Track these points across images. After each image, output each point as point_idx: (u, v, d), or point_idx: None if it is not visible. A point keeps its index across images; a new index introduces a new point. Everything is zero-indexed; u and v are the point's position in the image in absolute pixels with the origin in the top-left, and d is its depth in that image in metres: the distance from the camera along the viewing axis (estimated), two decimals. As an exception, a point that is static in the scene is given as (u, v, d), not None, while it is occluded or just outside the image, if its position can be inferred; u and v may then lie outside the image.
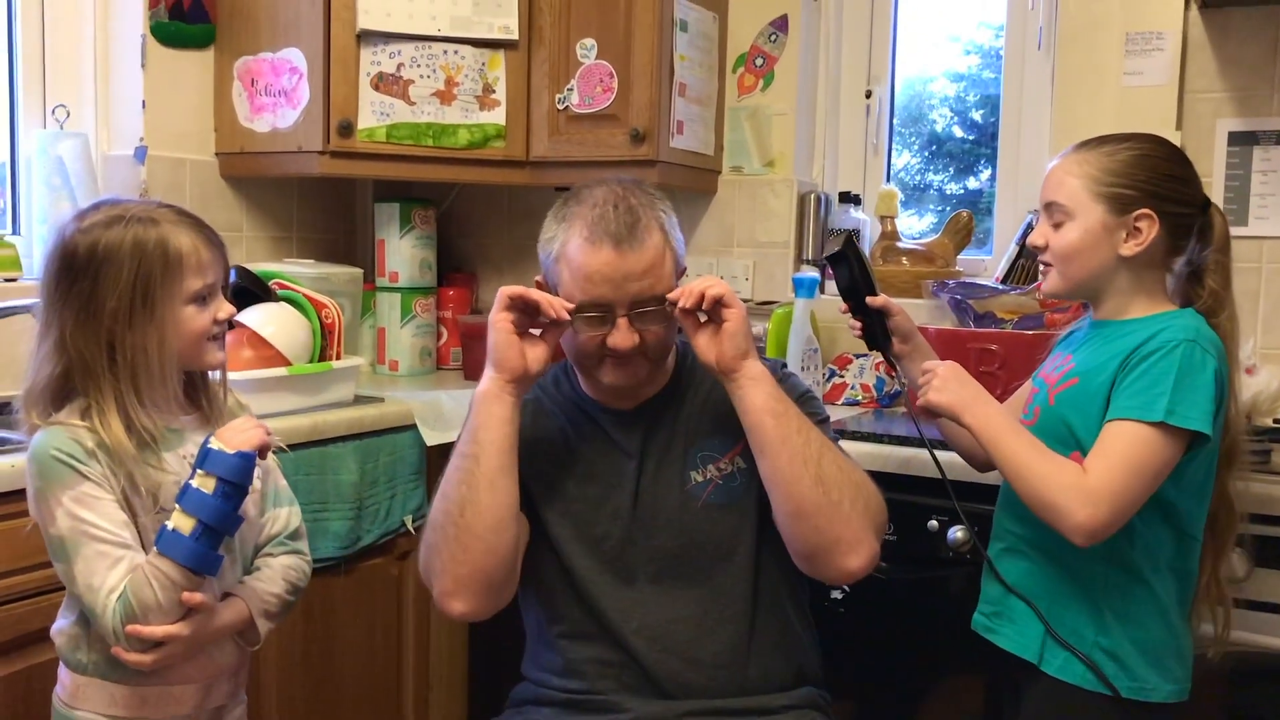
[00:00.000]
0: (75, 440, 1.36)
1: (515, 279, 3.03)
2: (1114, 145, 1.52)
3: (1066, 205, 1.52)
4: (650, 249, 1.51)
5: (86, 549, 1.34)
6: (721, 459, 1.61)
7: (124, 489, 1.38)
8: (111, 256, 1.36)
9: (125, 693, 1.42)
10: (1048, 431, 1.53)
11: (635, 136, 2.47)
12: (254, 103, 2.59)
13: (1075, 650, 1.50)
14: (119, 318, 1.37)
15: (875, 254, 2.64)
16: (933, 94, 2.92)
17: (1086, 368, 1.53)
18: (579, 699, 1.59)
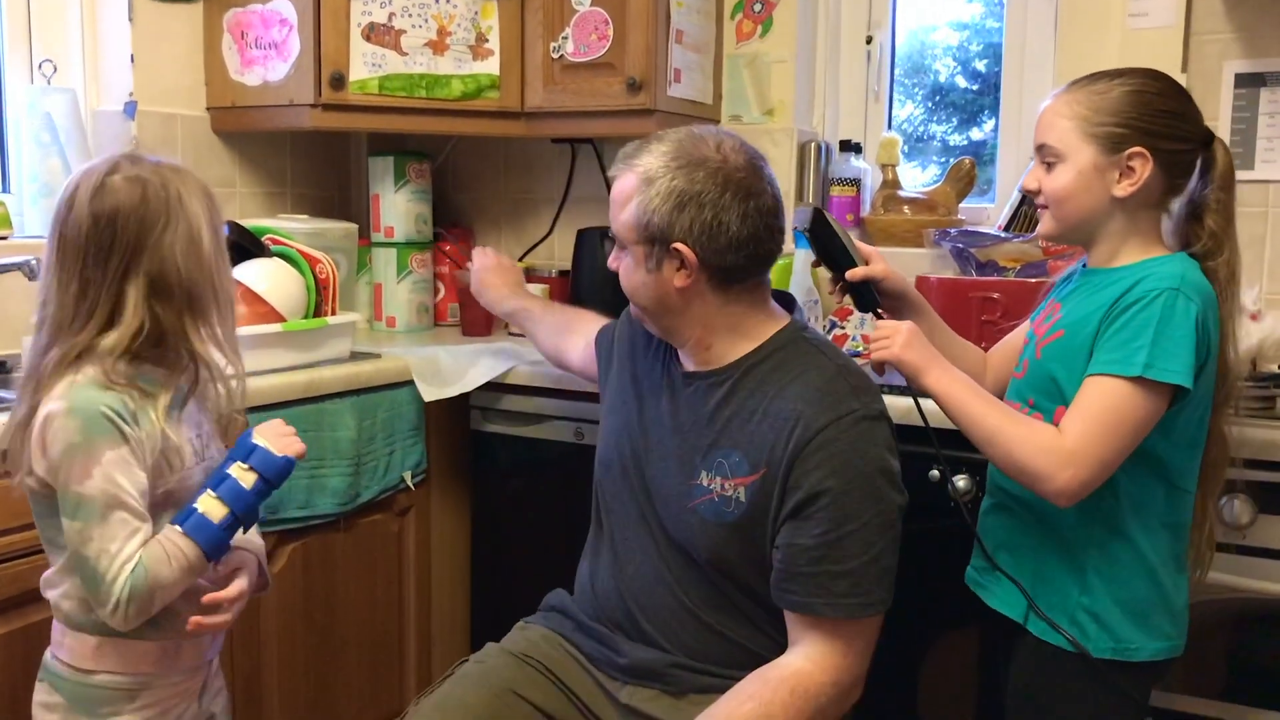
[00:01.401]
0: (122, 401, 1.36)
1: (513, 233, 3.01)
2: (1106, 82, 1.48)
3: (1057, 147, 1.49)
4: (621, 183, 1.54)
5: (114, 514, 1.34)
6: (730, 479, 1.51)
7: (157, 449, 1.39)
8: (192, 199, 1.40)
9: (147, 649, 1.43)
10: (1035, 386, 1.51)
11: (632, 85, 2.43)
12: (244, 56, 2.55)
13: (1053, 623, 1.49)
14: (216, 253, 1.42)
15: (877, 203, 2.61)
16: (935, 43, 2.87)
17: (1073, 319, 1.49)
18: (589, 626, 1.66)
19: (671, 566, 1.59)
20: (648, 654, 1.59)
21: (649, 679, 1.58)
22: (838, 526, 1.44)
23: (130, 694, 1.43)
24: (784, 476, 1.47)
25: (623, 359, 1.74)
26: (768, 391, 1.52)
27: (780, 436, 1.47)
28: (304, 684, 2.15)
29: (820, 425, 1.45)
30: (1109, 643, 1.48)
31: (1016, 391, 1.57)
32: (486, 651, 1.69)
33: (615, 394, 1.73)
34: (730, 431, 1.53)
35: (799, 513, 1.45)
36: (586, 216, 2.88)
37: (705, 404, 1.56)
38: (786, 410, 1.48)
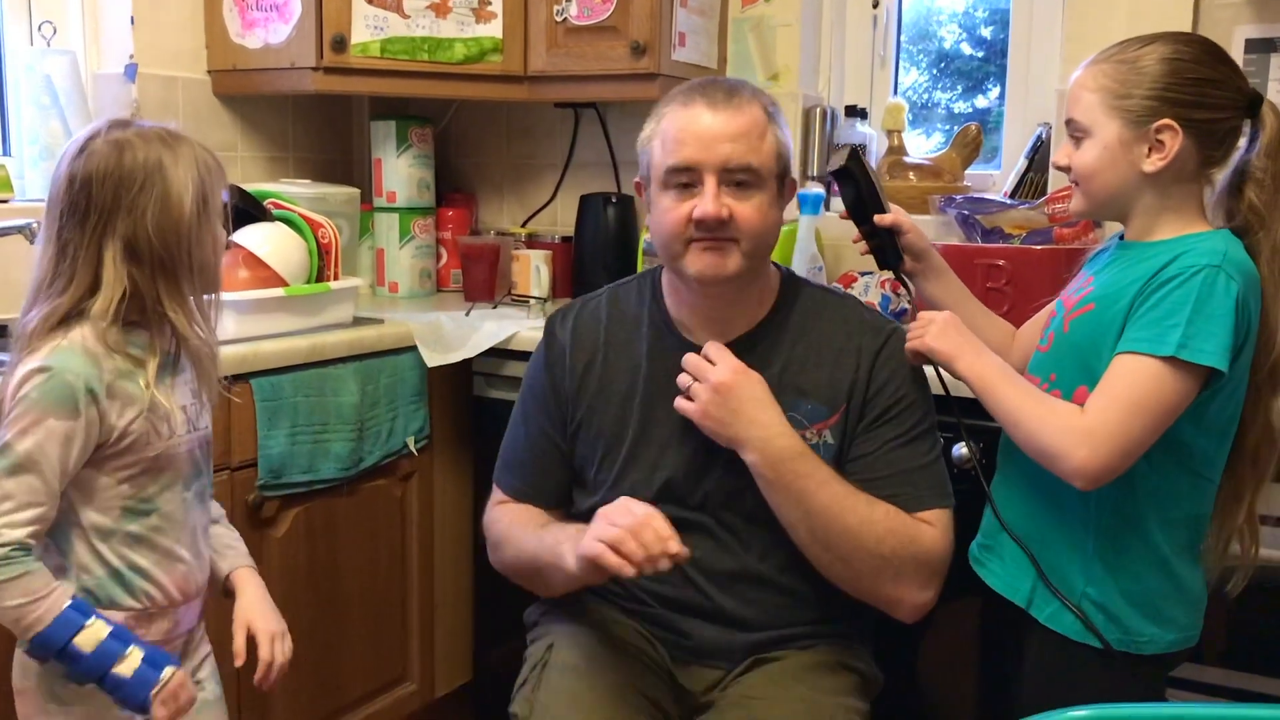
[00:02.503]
0: (97, 373, 1.35)
1: (515, 199, 3.00)
2: (1135, 50, 1.40)
3: (1083, 122, 1.43)
4: (747, 115, 1.48)
5: (25, 476, 1.33)
6: (809, 428, 1.52)
7: (142, 415, 1.39)
8: (177, 164, 1.38)
9: (115, 618, 1.40)
10: (1059, 360, 1.46)
11: (636, 49, 2.40)
12: (245, 18, 2.53)
13: (1065, 599, 1.44)
14: (195, 221, 1.39)
15: (882, 168, 2.59)
16: (941, 9, 2.84)
17: (1105, 293, 1.43)
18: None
19: (751, 546, 1.56)
20: (716, 632, 1.56)
21: (718, 658, 1.56)
22: (916, 425, 1.55)
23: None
24: (862, 402, 1.54)
25: (601, 381, 1.61)
26: (810, 339, 1.57)
27: (848, 371, 1.55)
28: (307, 649, 2.15)
29: (878, 346, 1.56)
30: (1117, 633, 1.43)
31: (1039, 366, 1.52)
32: (576, 642, 1.57)
33: (619, 428, 1.59)
34: (790, 384, 1.54)
35: (879, 419, 1.54)
36: (590, 182, 2.86)
37: (751, 366, 1.53)
38: (842, 347, 1.56)
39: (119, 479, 1.40)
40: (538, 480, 1.64)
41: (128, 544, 1.42)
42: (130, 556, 1.42)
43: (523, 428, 1.67)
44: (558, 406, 1.62)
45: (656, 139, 1.52)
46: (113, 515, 1.41)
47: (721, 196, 1.46)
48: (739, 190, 1.47)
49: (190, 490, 1.48)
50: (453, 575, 2.49)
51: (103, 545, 1.41)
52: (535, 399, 1.65)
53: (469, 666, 2.54)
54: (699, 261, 1.49)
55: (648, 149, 1.54)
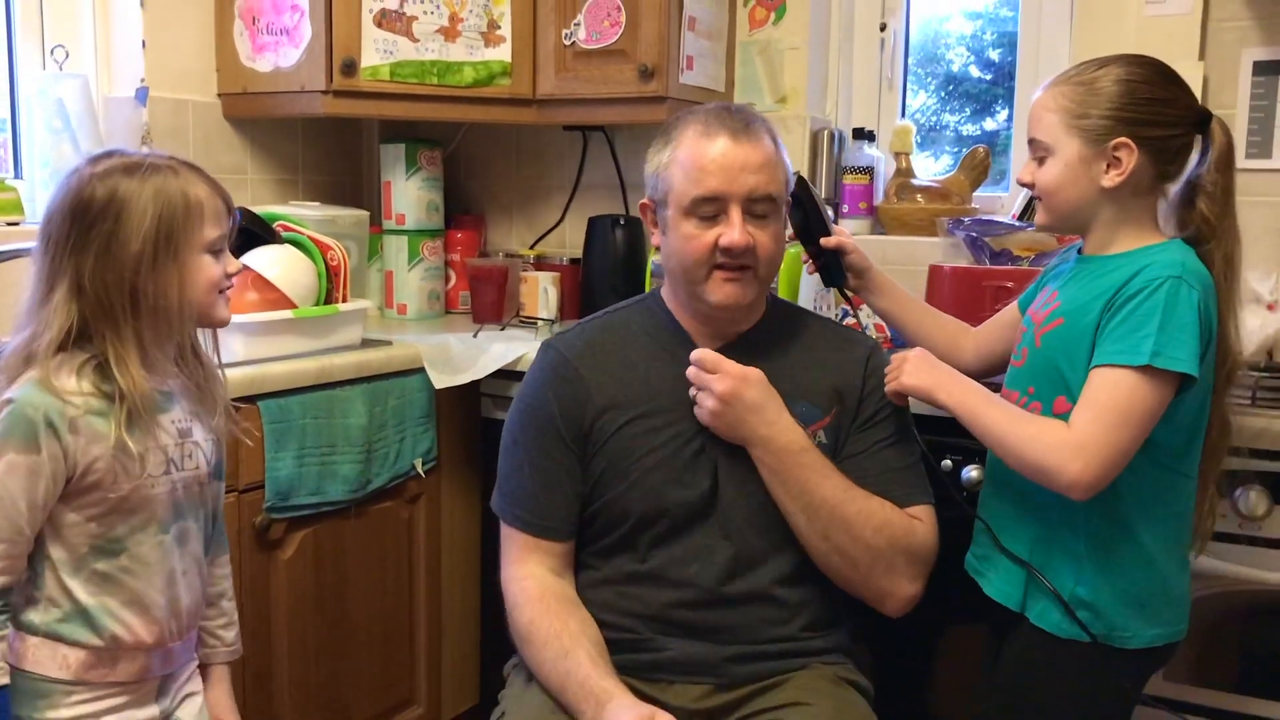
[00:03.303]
0: (59, 407, 1.33)
1: (524, 221, 3.01)
2: (1091, 73, 1.48)
3: (1045, 141, 1.51)
4: (764, 146, 1.53)
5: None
6: (806, 429, 1.57)
7: (108, 453, 1.35)
8: (133, 199, 1.35)
9: (77, 655, 1.40)
10: (1035, 375, 1.53)
11: (644, 72, 2.41)
12: (256, 41, 2.55)
13: (1057, 593, 1.49)
14: (143, 260, 1.35)
15: (890, 191, 2.60)
16: (949, 33, 2.85)
17: (1072, 307, 1.50)
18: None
19: (752, 559, 1.57)
20: (697, 647, 1.56)
21: (701, 674, 1.56)
22: (901, 429, 1.62)
23: (67, 689, 1.40)
24: (856, 405, 1.61)
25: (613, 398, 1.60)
26: (798, 346, 1.64)
27: (837, 377, 1.61)
28: (314, 672, 2.15)
29: (865, 355, 1.64)
30: (1102, 629, 1.49)
31: (1015, 380, 1.58)
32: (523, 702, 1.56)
33: (629, 439, 1.59)
34: (783, 385, 1.57)
35: (869, 421, 1.61)
36: (598, 204, 2.87)
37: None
38: (830, 354, 1.63)
39: (86, 516, 1.37)
40: (549, 512, 1.60)
41: (95, 581, 1.39)
42: (98, 595, 1.39)
43: (525, 456, 1.62)
44: (568, 430, 1.60)
45: (676, 166, 1.54)
46: (79, 552, 1.38)
47: (745, 225, 1.51)
48: (759, 220, 1.53)
49: (169, 533, 1.44)
50: (460, 598, 2.49)
51: (71, 580, 1.38)
52: (538, 425, 1.62)
53: (476, 690, 2.53)
54: (721, 291, 1.55)
55: (665, 175, 1.56)
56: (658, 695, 1.55)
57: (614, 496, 1.58)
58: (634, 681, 1.55)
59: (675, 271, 1.58)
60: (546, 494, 1.60)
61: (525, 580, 1.58)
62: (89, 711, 1.41)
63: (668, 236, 1.58)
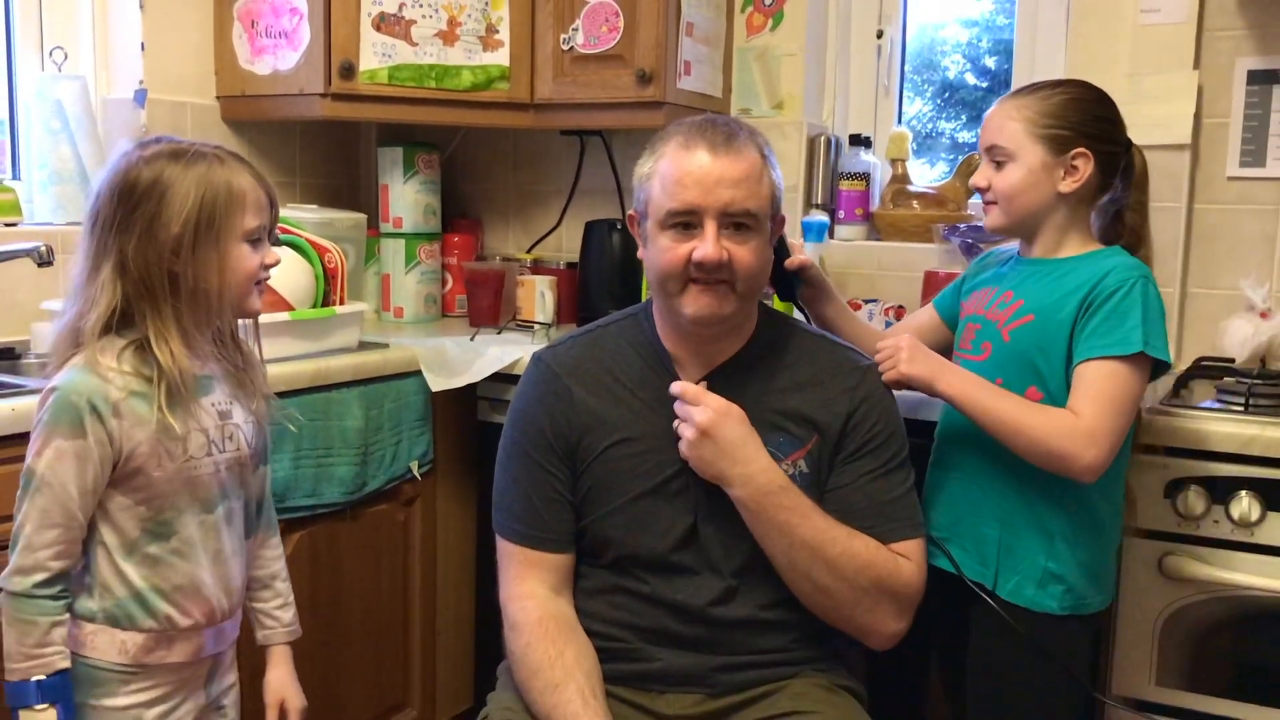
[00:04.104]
0: (103, 391, 1.36)
1: (521, 225, 3.01)
2: (1048, 91, 1.63)
3: (1008, 147, 1.62)
4: (746, 159, 1.49)
5: (41, 497, 1.36)
6: (784, 460, 1.55)
7: (152, 436, 1.38)
8: (177, 184, 1.38)
9: (136, 639, 1.43)
10: (1004, 367, 1.62)
11: (642, 77, 2.42)
12: (254, 44, 2.55)
13: (1027, 573, 1.61)
14: (183, 243, 1.38)
15: (886, 197, 2.61)
16: (945, 40, 2.86)
17: (1041, 304, 1.61)
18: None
19: (737, 589, 1.56)
20: (687, 658, 1.55)
21: (691, 684, 1.55)
22: (892, 459, 1.58)
23: (124, 678, 1.44)
24: (839, 435, 1.57)
25: (600, 415, 1.59)
26: (785, 371, 1.59)
27: (822, 404, 1.57)
28: (309, 673, 2.13)
29: (855, 383, 1.59)
30: (1071, 600, 1.61)
31: (979, 372, 1.64)
32: (507, 708, 1.56)
33: (613, 470, 1.58)
34: (765, 414, 1.55)
35: (856, 453, 1.57)
36: (595, 208, 2.87)
37: (731, 396, 1.55)
38: (817, 380, 1.59)
39: (135, 500, 1.41)
40: (547, 524, 1.59)
41: (147, 565, 1.43)
42: (150, 578, 1.43)
43: (520, 469, 1.61)
44: (558, 443, 1.59)
45: (655, 179, 1.51)
46: (131, 536, 1.42)
47: (720, 240, 1.48)
48: (737, 233, 1.49)
49: (215, 513, 1.48)
50: (455, 601, 2.49)
51: (124, 564, 1.42)
52: (530, 439, 1.60)
53: (470, 693, 2.53)
54: (696, 303, 1.51)
55: (646, 186, 1.53)
56: (648, 704, 1.55)
57: (598, 519, 1.57)
58: (625, 691, 1.55)
59: (654, 285, 1.56)
60: (544, 506, 1.58)
61: (526, 601, 1.56)
62: (144, 700, 1.45)
63: (648, 249, 1.55)
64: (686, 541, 1.55)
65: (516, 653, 1.53)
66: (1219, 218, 2.26)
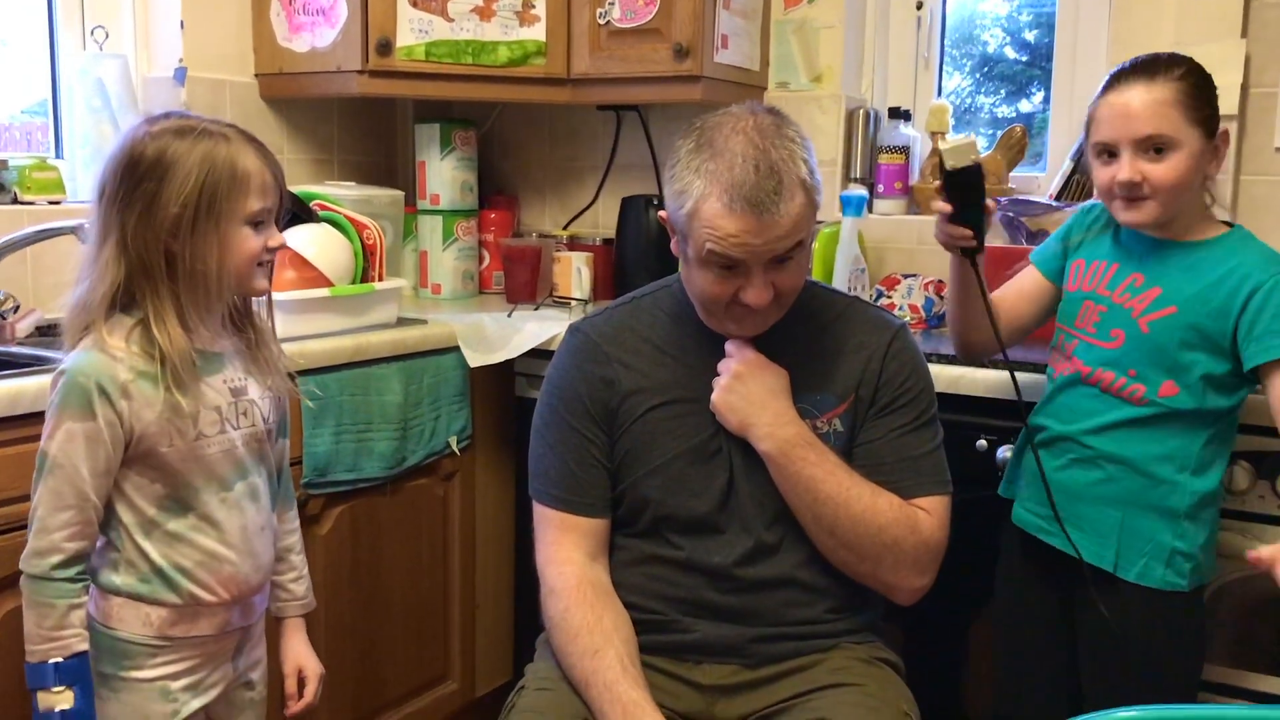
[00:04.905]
0: (111, 373, 1.36)
1: (558, 201, 3.01)
2: (1178, 69, 1.54)
3: (1172, 135, 1.52)
4: (793, 212, 1.42)
5: (53, 479, 1.36)
6: (819, 417, 1.56)
7: (161, 417, 1.38)
8: (180, 162, 1.35)
9: (161, 613, 1.44)
10: (1141, 358, 1.57)
11: (679, 52, 2.41)
12: (292, 22, 2.56)
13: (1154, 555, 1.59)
14: (182, 223, 1.36)
15: (925, 170, 2.59)
16: (984, 14, 2.82)
17: (1183, 296, 1.55)
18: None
19: (771, 547, 1.57)
20: (723, 629, 1.56)
21: (728, 655, 1.56)
22: (921, 415, 1.58)
23: (151, 650, 1.45)
24: (873, 391, 1.58)
25: (640, 382, 1.59)
26: (821, 336, 1.60)
27: (857, 365, 1.57)
28: (349, 647, 2.18)
29: (888, 340, 1.59)
30: (1199, 577, 1.61)
31: (1109, 361, 1.60)
32: (544, 679, 1.56)
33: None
34: (802, 377, 1.56)
35: (887, 407, 1.57)
36: (631, 184, 2.87)
37: (769, 356, 1.57)
38: (852, 342, 1.59)
39: (149, 479, 1.41)
40: (584, 488, 1.59)
41: (168, 542, 1.43)
42: (172, 555, 1.43)
43: (557, 435, 1.61)
44: (596, 409, 1.59)
45: (696, 220, 1.44)
46: (150, 514, 1.42)
47: (767, 278, 1.46)
48: (783, 265, 1.47)
49: (233, 490, 1.47)
50: (494, 575, 2.51)
51: (145, 542, 1.42)
52: (567, 404, 1.61)
53: (510, 666, 2.56)
54: (740, 327, 1.53)
55: (681, 215, 1.47)
56: (685, 674, 1.56)
57: (636, 480, 1.58)
58: (661, 661, 1.56)
59: (694, 300, 1.55)
60: (581, 470, 1.59)
61: (564, 565, 1.57)
62: (171, 672, 1.46)
63: (687, 268, 1.52)
64: (722, 501, 1.56)
65: (555, 617, 1.54)
66: (1266, 189, 2.22)
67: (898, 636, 1.69)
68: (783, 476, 1.52)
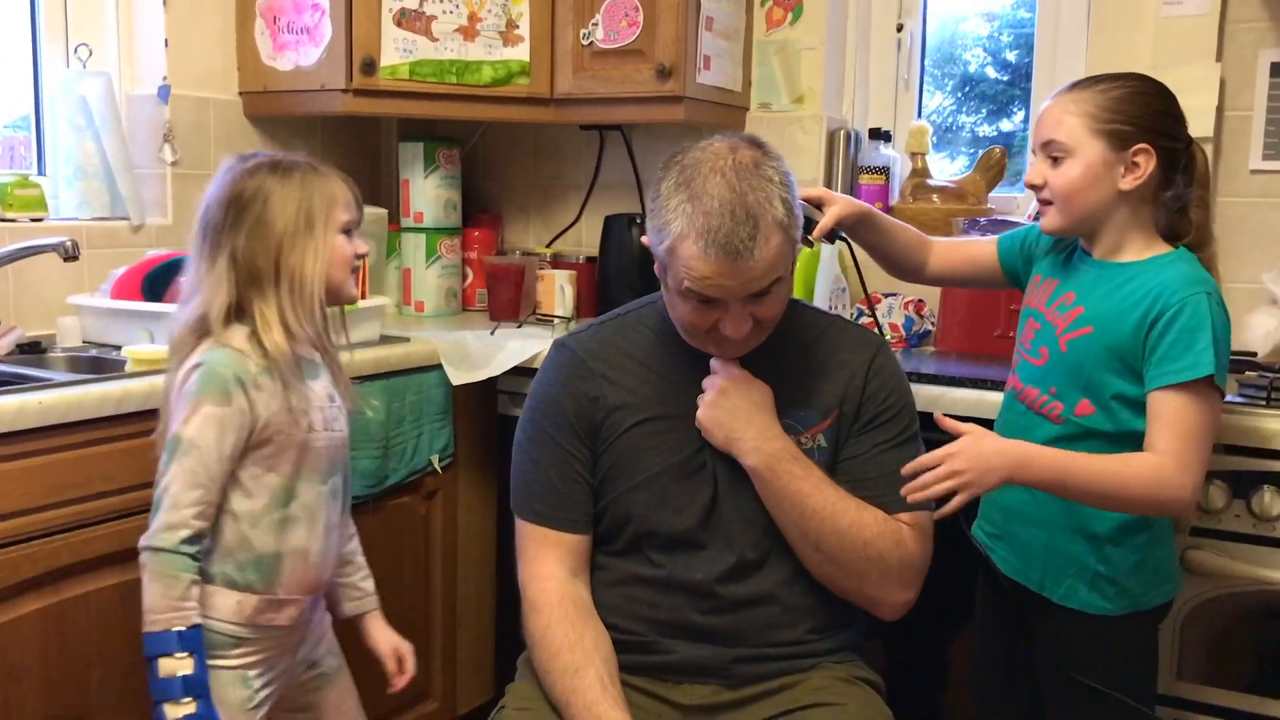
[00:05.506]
0: (244, 365, 1.54)
1: (541, 220, 3.02)
2: (1107, 84, 1.55)
3: (1066, 143, 1.54)
4: (769, 255, 1.41)
5: (189, 459, 1.50)
6: (804, 433, 1.57)
7: (284, 407, 1.56)
8: (278, 190, 1.58)
9: (251, 601, 1.58)
10: (1059, 377, 1.57)
11: (661, 72, 2.43)
12: (276, 40, 2.57)
13: (1078, 577, 1.59)
14: (286, 234, 1.57)
15: (905, 191, 2.61)
16: (966, 34, 2.85)
17: (1099, 315, 1.55)
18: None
19: (754, 563, 1.57)
20: (704, 650, 1.56)
21: (709, 675, 1.56)
22: (903, 431, 1.60)
23: (235, 641, 1.58)
24: (856, 407, 1.59)
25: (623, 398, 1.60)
26: (804, 354, 1.61)
27: (840, 381, 1.59)
28: (331, 664, 2.17)
29: (870, 357, 1.61)
30: (1127, 601, 1.58)
31: (1036, 378, 1.61)
32: (524, 698, 1.58)
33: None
34: (786, 394, 1.57)
35: (870, 423, 1.59)
36: (614, 203, 2.88)
37: (754, 373, 1.58)
38: (835, 359, 1.60)
39: (265, 467, 1.57)
40: (566, 503, 1.60)
41: (270, 531, 1.58)
42: (270, 544, 1.59)
43: (540, 450, 1.61)
44: (581, 424, 1.60)
45: (675, 257, 1.44)
46: (260, 503, 1.57)
47: (745, 310, 1.47)
48: (760, 298, 1.47)
49: (326, 485, 1.64)
50: (475, 593, 2.50)
51: (250, 530, 1.57)
52: (551, 419, 1.61)
53: (491, 685, 2.55)
54: (721, 351, 1.54)
55: (662, 249, 1.47)
56: (665, 694, 1.56)
57: (618, 495, 1.58)
58: (642, 681, 1.56)
59: (675, 325, 1.56)
60: (563, 485, 1.59)
61: (545, 581, 1.57)
62: (249, 662, 1.60)
63: (668, 294, 1.53)
64: (705, 517, 1.57)
65: (535, 634, 1.55)
66: (1242, 210, 2.25)
67: (879, 654, 1.70)
68: (769, 491, 1.53)
